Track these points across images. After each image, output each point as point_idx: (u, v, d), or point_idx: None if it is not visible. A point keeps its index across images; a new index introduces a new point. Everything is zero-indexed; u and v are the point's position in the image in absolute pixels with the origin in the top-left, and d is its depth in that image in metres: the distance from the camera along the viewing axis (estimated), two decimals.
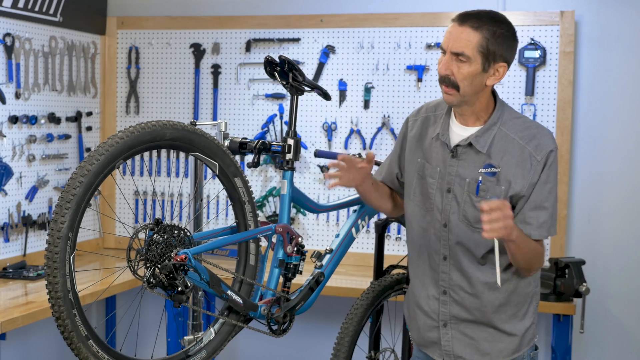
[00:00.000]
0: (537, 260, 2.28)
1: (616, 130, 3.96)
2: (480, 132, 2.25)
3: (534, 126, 2.28)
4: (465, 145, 2.27)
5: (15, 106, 3.87)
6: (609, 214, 3.97)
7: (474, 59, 2.17)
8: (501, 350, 2.33)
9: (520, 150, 2.23)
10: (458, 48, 2.16)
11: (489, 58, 2.18)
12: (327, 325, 4.09)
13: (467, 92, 2.19)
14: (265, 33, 4.32)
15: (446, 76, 2.19)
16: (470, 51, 2.16)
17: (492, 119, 2.26)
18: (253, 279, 2.40)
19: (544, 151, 2.22)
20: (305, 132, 4.26)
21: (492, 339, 2.33)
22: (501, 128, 2.25)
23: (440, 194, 2.31)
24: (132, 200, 4.51)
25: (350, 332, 2.82)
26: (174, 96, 4.49)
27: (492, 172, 2.23)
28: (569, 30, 3.89)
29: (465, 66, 2.17)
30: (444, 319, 2.36)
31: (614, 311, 3.98)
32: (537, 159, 2.22)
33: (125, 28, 4.52)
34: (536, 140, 2.23)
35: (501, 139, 2.24)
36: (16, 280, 3.64)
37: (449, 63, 2.18)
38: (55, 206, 1.89)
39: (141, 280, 2.03)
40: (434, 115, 2.39)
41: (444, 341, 2.36)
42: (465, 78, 2.18)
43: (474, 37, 2.16)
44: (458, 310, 2.34)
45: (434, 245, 2.34)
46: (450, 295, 2.34)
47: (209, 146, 2.23)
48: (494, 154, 2.24)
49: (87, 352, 1.93)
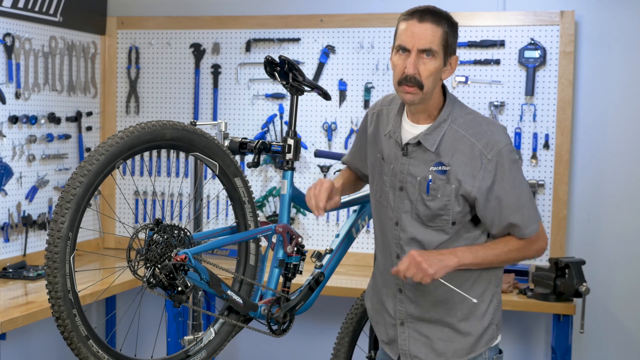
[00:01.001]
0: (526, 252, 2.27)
1: (616, 130, 3.96)
2: (429, 130, 2.22)
3: (484, 122, 2.23)
4: (414, 144, 2.24)
5: (15, 106, 3.87)
6: (609, 214, 3.98)
7: (438, 54, 2.16)
8: (456, 351, 2.30)
9: (471, 147, 2.18)
10: (425, 44, 2.14)
11: (448, 52, 2.18)
12: (327, 325, 4.09)
13: (429, 89, 2.17)
14: (265, 33, 4.32)
15: (413, 75, 2.15)
16: (436, 46, 2.15)
17: (441, 116, 2.22)
18: (253, 279, 2.40)
19: (495, 149, 2.17)
20: (305, 132, 4.26)
21: (447, 339, 2.30)
22: (452, 125, 2.22)
23: (393, 191, 2.30)
24: (132, 200, 4.51)
25: (350, 332, 2.82)
26: (174, 96, 4.49)
27: (442, 170, 2.20)
28: (569, 30, 3.89)
29: (432, 62, 2.15)
30: (400, 317, 2.35)
31: (614, 311, 3.98)
32: (487, 157, 2.17)
33: (125, 28, 4.52)
34: (486, 138, 2.18)
35: (451, 136, 2.21)
36: (16, 280, 3.64)
37: (416, 62, 2.14)
38: (55, 206, 1.89)
39: (141, 280, 2.03)
40: (387, 109, 2.38)
41: (400, 340, 2.35)
42: (430, 75, 2.15)
43: (437, 32, 2.15)
44: (413, 309, 2.32)
45: (390, 242, 2.33)
46: (405, 294, 2.33)
47: (209, 146, 2.23)
48: (444, 152, 2.21)
49: (87, 352, 1.93)
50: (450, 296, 2.27)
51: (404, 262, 2.15)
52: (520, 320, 4.09)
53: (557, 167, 3.92)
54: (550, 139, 3.93)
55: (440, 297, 2.28)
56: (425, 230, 2.25)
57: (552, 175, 3.94)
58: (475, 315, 2.30)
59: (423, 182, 2.22)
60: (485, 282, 2.30)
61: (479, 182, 2.17)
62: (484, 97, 4.02)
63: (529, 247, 2.27)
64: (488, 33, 4.01)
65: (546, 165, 3.95)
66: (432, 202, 2.22)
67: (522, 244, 2.25)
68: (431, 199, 2.21)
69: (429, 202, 2.22)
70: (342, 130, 4.23)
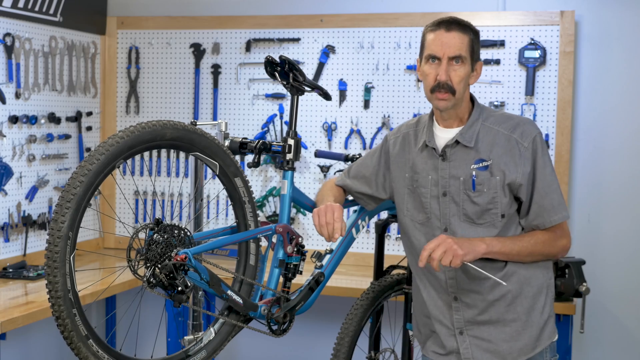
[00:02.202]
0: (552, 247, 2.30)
1: (616, 130, 3.96)
2: (464, 129, 2.32)
3: (514, 117, 2.36)
4: (452, 145, 2.32)
5: (15, 106, 3.87)
6: (609, 214, 3.98)
7: (467, 60, 2.27)
8: (521, 349, 2.33)
9: (507, 139, 2.29)
10: (455, 52, 2.25)
11: (474, 58, 2.30)
12: (327, 325, 4.09)
13: (460, 94, 2.28)
14: (265, 33, 4.32)
15: (445, 82, 2.24)
16: (465, 53, 2.26)
17: (473, 117, 2.33)
18: (253, 279, 2.40)
19: (530, 137, 2.28)
20: (305, 132, 4.26)
21: (511, 339, 2.33)
22: (484, 123, 2.32)
23: (436, 200, 2.34)
24: (132, 200, 4.51)
25: (350, 332, 2.82)
26: (174, 96, 4.49)
27: (484, 166, 2.28)
28: (569, 30, 3.89)
29: (461, 69, 2.26)
30: (459, 326, 2.36)
31: (613, 311, 3.98)
32: (524, 145, 2.27)
33: (125, 28, 4.52)
34: (520, 128, 2.30)
35: (486, 133, 2.31)
36: (16, 280, 3.64)
37: (447, 69, 2.24)
38: (56, 206, 1.89)
39: (141, 280, 2.03)
40: (414, 131, 2.45)
41: (462, 349, 2.36)
42: (461, 80, 2.26)
43: (465, 39, 2.27)
44: (471, 314, 2.34)
45: None
46: (461, 300, 2.35)
47: (209, 146, 2.23)
48: (482, 148, 2.29)
49: (87, 351, 1.92)
50: (506, 292, 2.30)
51: (433, 242, 2.18)
52: None
53: (557, 167, 3.92)
54: (550, 139, 3.93)
55: (497, 296, 2.31)
56: (476, 229, 2.30)
57: None
58: (536, 308, 2.33)
59: (468, 180, 2.28)
60: (540, 274, 2.35)
61: (522, 168, 2.26)
62: (484, 97, 4.02)
63: (554, 242, 2.30)
64: (488, 33, 4.01)
65: None
66: (479, 198, 2.27)
67: (548, 237, 2.29)
68: (478, 194, 2.27)
69: (476, 198, 2.27)
70: (342, 130, 4.23)
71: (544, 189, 2.28)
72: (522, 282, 2.31)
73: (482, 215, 2.28)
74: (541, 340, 2.35)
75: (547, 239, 2.30)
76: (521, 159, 2.27)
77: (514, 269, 2.30)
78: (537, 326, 2.34)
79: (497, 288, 2.30)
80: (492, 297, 2.31)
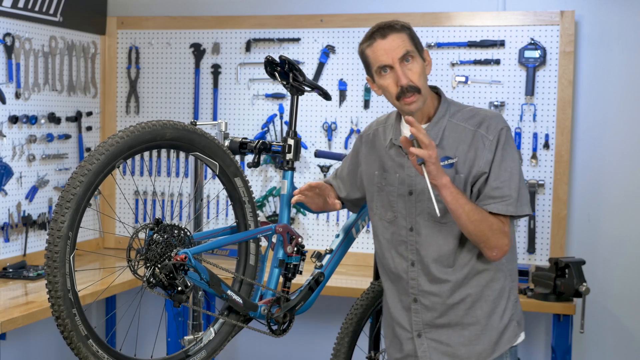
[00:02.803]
0: (490, 230, 2.18)
1: (616, 130, 3.96)
2: (429, 126, 2.28)
3: (482, 112, 2.30)
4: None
5: (15, 106, 3.87)
6: (609, 214, 3.97)
7: (415, 53, 2.23)
8: (480, 353, 2.29)
9: (472, 135, 2.25)
10: (402, 51, 2.21)
11: (419, 48, 2.26)
12: (327, 325, 4.09)
13: (424, 89, 2.25)
14: (265, 33, 4.32)
15: (408, 85, 2.20)
16: (410, 47, 2.23)
17: (439, 113, 2.29)
18: (253, 279, 2.40)
19: (495, 130, 2.23)
20: (305, 132, 4.26)
21: (469, 342, 2.29)
22: (450, 120, 2.28)
23: (402, 199, 2.32)
24: (132, 200, 4.51)
25: (350, 332, 2.82)
26: (174, 96, 4.49)
27: (449, 164, 2.24)
28: (569, 30, 3.89)
29: (415, 64, 2.23)
30: (417, 328, 2.34)
31: (613, 311, 3.98)
32: (489, 138, 2.23)
33: (125, 28, 4.52)
34: (486, 123, 2.25)
35: (452, 129, 2.27)
36: (16, 280, 3.64)
37: (404, 71, 2.21)
38: (55, 206, 1.89)
39: (141, 280, 2.03)
40: (384, 127, 2.43)
41: (420, 352, 2.33)
42: (420, 75, 2.23)
43: (403, 37, 2.23)
44: (430, 317, 2.31)
45: (403, 253, 2.33)
46: (421, 302, 2.32)
47: (209, 146, 2.23)
48: (448, 145, 2.25)
49: (87, 351, 1.92)
50: (465, 295, 2.27)
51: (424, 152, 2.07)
52: None
53: (557, 167, 3.92)
54: (550, 139, 3.93)
55: (456, 299, 2.28)
56: (440, 228, 2.27)
57: (552, 175, 3.94)
58: (496, 312, 2.29)
59: None
60: (502, 277, 2.30)
61: (486, 157, 2.21)
62: (484, 97, 4.02)
63: (498, 233, 2.19)
64: (488, 33, 4.01)
65: (546, 165, 3.95)
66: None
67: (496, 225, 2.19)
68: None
69: (439, 196, 2.21)
70: (342, 130, 4.23)
71: (496, 179, 2.20)
72: (483, 286, 2.27)
73: (446, 213, 2.23)
74: (500, 344, 2.30)
75: (496, 225, 2.19)
76: (484, 150, 2.22)
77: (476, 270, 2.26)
78: (497, 330, 2.29)
79: (458, 291, 2.27)
80: (452, 300, 2.28)
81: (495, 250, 2.21)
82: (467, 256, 2.27)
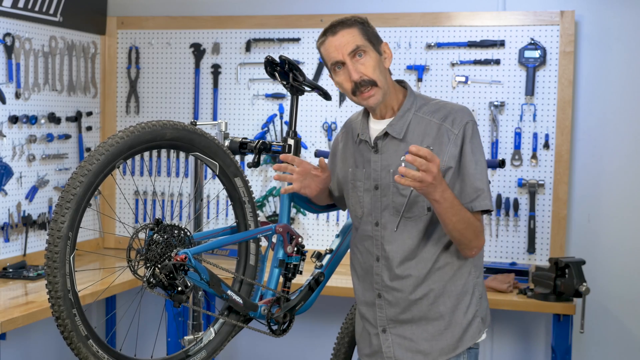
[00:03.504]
0: (474, 234, 2.18)
1: (616, 130, 3.96)
2: (395, 120, 2.26)
3: (448, 105, 2.27)
4: (383, 137, 2.27)
5: (15, 106, 3.87)
6: (609, 214, 3.97)
7: (367, 47, 2.21)
8: (442, 349, 2.27)
9: (437, 128, 2.22)
10: (351, 46, 2.21)
11: (374, 42, 2.24)
12: (327, 325, 4.09)
13: (382, 81, 2.22)
14: (265, 33, 4.32)
15: (361, 79, 2.20)
16: (360, 42, 2.21)
17: (404, 106, 2.27)
18: (253, 279, 2.40)
19: (461, 124, 2.21)
20: (305, 132, 4.26)
21: (432, 338, 2.28)
22: (416, 113, 2.26)
23: (368, 193, 2.31)
24: (132, 200, 4.51)
25: (350, 332, 2.82)
26: (174, 96, 4.49)
27: None
28: (569, 30, 3.89)
29: (367, 58, 2.21)
30: (382, 324, 2.33)
31: (614, 311, 3.98)
32: (454, 132, 2.20)
33: (125, 28, 4.52)
34: (452, 116, 2.22)
35: (417, 123, 2.25)
36: (16, 280, 3.64)
37: (355, 66, 2.20)
38: (55, 206, 1.89)
39: (141, 280, 2.03)
40: (354, 122, 2.42)
41: (385, 347, 2.32)
42: (374, 67, 2.21)
43: (353, 32, 2.22)
44: (394, 312, 2.30)
45: (369, 249, 2.33)
46: (384, 298, 2.31)
47: (209, 146, 2.23)
48: (413, 139, 2.23)
49: (87, 351, 1.93)
50: (428, 291, 2.26)
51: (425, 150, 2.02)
52: (520, 320, 4.09)
53: (557, 167, 3.92)
54: (550, 139, 3.93)
55: (419, 295, 2.27)
56: (405, 223, 2.25)
57: (552, 175, 3.94)
58: (460, 307, 2.27)
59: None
60: (466, 272, 2.28)
61: (451, 151, 2.19)
62: (484, 97, 4.02)
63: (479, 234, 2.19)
64: (488, 33, 4.01)
65: (546, 165, 3.95)
66: (406, 190, 2.20)
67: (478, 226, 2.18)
68: (406, 187, 2.18)
69: (404, 190, 2.22)
70: None
71: (470, 173, 2.19)
72: (446, 281, 2.26)
73: (411, 208, 2.23)
74: (464, 340, 2.28)
75: (477, 227, 2.19)
76: (449, 144, 2.19)
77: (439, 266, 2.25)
78: (460, 326, 2.27)
79: (420, 286, 2.26)
80: (414, 296, 2.27)
81: (474, 249, 2.23)
82: (430, 251, 2.26)
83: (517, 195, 3.98)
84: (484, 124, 4.01)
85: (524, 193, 3.97)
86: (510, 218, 4.00)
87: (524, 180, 3.95)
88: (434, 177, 2.03)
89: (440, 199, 2.08)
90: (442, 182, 2.08)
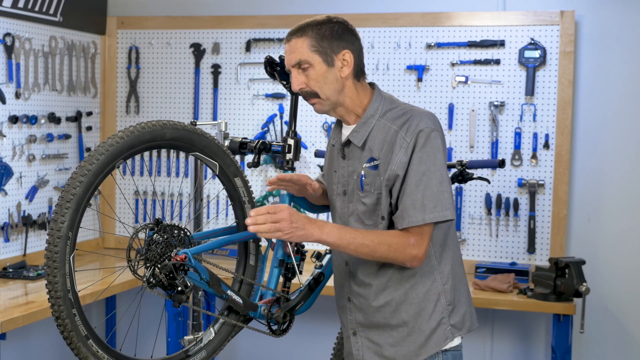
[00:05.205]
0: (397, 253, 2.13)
1: (616, 130, 3.96)
2: (357, 127, 2.25)
3: (411, 111, 2.21)
4: (347, 143, 2.27)
5: (15, 106, 3.87)
6: (609, 214, 3.97)
7: (313, 60, 2.19)
8: (405, 355, 2.25)
9: (395, 135, 2.18)
10: (294, 59, 2.21)
11: (327, 52, 2.20)
12: (327, 325, 4.09)
13: (327, 93, 2.21)
14: (265, 33, 4.32)
15: (301, 90, 2.22)
16: (305, 56, 2.19)
17: (368, 112, 2.24)
18: (253, 279, 2.40)
19: (414, 132, 2.14)
20: (305, 132, 4.26)
21: (396, 344, 2.26)
22: (380, 120, 2.22)
23: (339, 197, 2.32)
24: (132, 200, 4.51)
25: None
26: (174, 96, 4.49)
27: (374, 165, 2.20)
28: (569, 30, 3.89)
29: (310, 71, 2.20)
30: (352, 327, 2.33)
31: (614, 311, 3.98)
32: (406, 140, 2.15)
33: (125, 28, 4.52)
34: (408, 124, 2.17)
35: (380, 130, 2.21)
36: (16, 280, 3.64)
37: (297, 77, 2.22)
38: (55, 206, 1.89)
39: (141, 280, 2.04)
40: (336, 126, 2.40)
41: (354, 350, 2.33)
42: (317, 81, 2.20)
43: (302, 42, 2.20)
44: (361, 317, 2.30)
45: (341, 252, 2.31)
46: (353, 302, 2.32)
47: (209, 146, 2.23)
48: (374, 146, 2.21)
49: (86, 351, 1.93)
50: (390, 299, 2.24)
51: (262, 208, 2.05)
52: (520, 320, 4.09)
53: (557, 167, 3.92)
54: (550, 139, 3.93)
55: (381, 302, 2.25)
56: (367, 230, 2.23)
57: (552, 175, 3.94)
58: (423, 314, 2.24)
59: (357, 180, 2.23)
60: (429, 280, 2.23)
61: (401, 159, 2.14)
62: (484, 97, 4.02)
63: (403, 249, 2.13)
64: (488, 33, 4.01)
65: (546, 165, 3.95)
66: (366, 198, 2.21)
67: (399, 241, 2.13)
68: (365, 194, 2.21)
69: (364, 198, 2.22)
70: None
71: (410, 185, 2.12)
72: (407, 289, 2.23)
73: (370, 216, 2.21)
74: (427, 347, 2.24)
75: (396, 242, 2.12)
76: (400, 152, 2.14)
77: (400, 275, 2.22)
78: (423, 333, 2.23)
79: (382, 294, 2.24)
80: (377, 303, 2.25)
81: (407, 263, 2.16)
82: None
83: (517, 195, 3.98)
84: (484, 124, 4.01)
85: (524, 193, 3.97)
86: (510, 218, 4.00)
87: (524, 180, 3.95)
88: (291, 221, 2.04)
89: (324, 237, 2.09)
90: (311, 222, 2.08)
